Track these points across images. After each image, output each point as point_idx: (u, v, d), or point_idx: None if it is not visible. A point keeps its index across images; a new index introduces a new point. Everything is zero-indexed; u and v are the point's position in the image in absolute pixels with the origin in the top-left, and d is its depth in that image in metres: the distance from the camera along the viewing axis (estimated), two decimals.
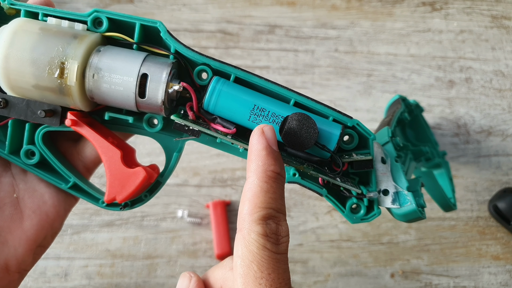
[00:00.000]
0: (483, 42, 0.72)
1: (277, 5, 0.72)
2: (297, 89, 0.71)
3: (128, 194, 0.29)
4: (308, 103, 0.30)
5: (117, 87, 0.27)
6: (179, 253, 0.59)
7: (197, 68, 0.29)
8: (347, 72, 0.69)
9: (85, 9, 0.70)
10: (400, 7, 0.73)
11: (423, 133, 0.63)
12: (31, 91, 0.28)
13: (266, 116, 0.28)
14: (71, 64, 0.26)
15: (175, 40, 0.28)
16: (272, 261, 0.22)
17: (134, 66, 0.27)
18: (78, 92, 0.27)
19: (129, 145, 0.32)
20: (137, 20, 0.28)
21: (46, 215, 0.32)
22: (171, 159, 0.32)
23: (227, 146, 0.31)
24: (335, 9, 0.72)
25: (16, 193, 0.32)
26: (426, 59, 0.70)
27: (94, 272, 0.58)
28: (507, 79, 0.70)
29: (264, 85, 0.29)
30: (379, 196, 0.31)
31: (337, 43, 0.71)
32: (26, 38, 0.26)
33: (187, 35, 0.69)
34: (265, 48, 0.70)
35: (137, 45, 0.29)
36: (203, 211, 0.61)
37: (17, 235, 0.31)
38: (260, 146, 0.25)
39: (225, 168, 0.63)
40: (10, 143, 0.30)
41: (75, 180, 0.31)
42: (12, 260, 0.31)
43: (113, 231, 0.60)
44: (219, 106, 0.28)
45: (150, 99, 0.27)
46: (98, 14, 0.28)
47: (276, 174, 0.25)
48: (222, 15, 0.71)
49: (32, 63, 0.26)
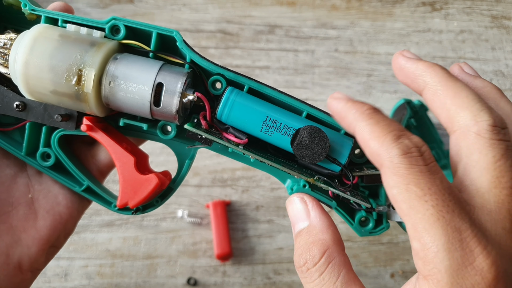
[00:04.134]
0: (483, 42, 0.72)
1: (277, 5, 0.72)
2: (297, 89, 0.71)
3: (141, 199, 0.30)
4: (320, 116, 0.30)
5: (132, 95, 0.27)
6: (179, 253, 0.59)
7: (212, 78, 0.30)
8: (347, 72, 0.69)
9: (85, 9, 0.70)
10: (400, 7, 0.73)
11: (428, 133, 0.63)
12: (48, 96, 0.28)
13: (278, 128, 0.29)
14: (88, 72, 0.27)
15: (190, 50, 0.29)
16: (426, 174, 0.21)
17: (150, 75, 0.27)
18: (94, 99, 0.28)
19: (142, 151, 0.33)
20: (154, 28, 0.28)
21: (60, 215, 0.33)
22: (183, 166, 0.32)
23: (238, 155, 0.31)
24: (335, 9, 0.73)
25: (31, 194, 0.32)
26: (426, 59, 0.69)
27: (94, 272, 0.58)
28: (507, 79, 0.70)
29: (277, 96, 0.30)
30: (389, 210, 0.31)
31: (337, 43, 0.71)
32: (46, 45, 0.27)
33: (187, 35, 0.69)
34: (265, 48, 0.70)
35: (153, 54, 0.29)
36: (203, 211, 0.61)
37: (31, 234, 0.31)
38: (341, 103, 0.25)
39: (225, 168, 0.63)
40: (27, 145, 0.31)
41: (89, 183, 0.32)
42: (25, 258, 0.31)
43: (113, 231, 0.60)
44: (232, 116, 0.29)
45: (165, 108, 0.28)
46: (116, 22, 0.29)
47: (372, 109, 0.24)
48: (222, 15, 0.71)
49: (50, 70, 0.27)
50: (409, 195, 0.21)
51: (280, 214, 0.62)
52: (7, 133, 0.32)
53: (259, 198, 0.63)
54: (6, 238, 0.31)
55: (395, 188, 0.22)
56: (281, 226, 0.62)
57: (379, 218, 0.31)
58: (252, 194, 0.63)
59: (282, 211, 0.62)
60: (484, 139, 0.22)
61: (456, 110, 0.23)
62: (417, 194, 0.21)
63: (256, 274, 0.60)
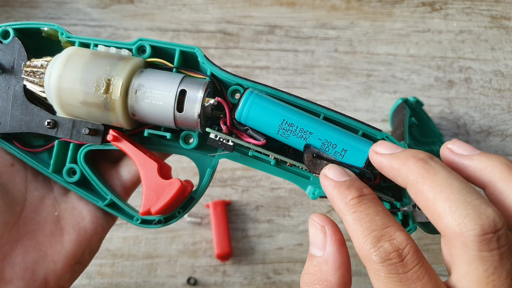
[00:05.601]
0: (482, 42, 0.72)
1: (277, 5, 0.72)
2: (297, 89, 0.71)
3: (163, 205, 0.30)
4: (337, 117, 0.30)
5: (157, 102, 0.29)
6: (179, 252, 0.59)
7: (231, 88, 0.31)
8: (346, 72, 0.69)
9: (85, 9, 0.70)
10: (399, 7, 0.73)
11: (427, 127, 0.64)
12: (78, 108, 0.30)
13: (294, 131, 0.29)
14: (116, 80, 0.29)
15: (211, 64, 0.31)
16: (405, 284, 0.20)
17: (173, 83, 0.30)
18: (121, 107, 0.30)
19: (166, 163, 0.34)
20: (177, 46, 0.31)
21: (85, 231, 0.33)
22: (205, 175, 0.33)
23: (259, 162, 0.32)
24: (335, 10, 0.73)
25: (57, 212, 0.34)
26: (426, 59, 0.70)
27: (95, 271, 0.58)
28: (507, 79, 0.70)
29: (293, 101, 0.31)
30: (414, 211, 0.30)
31: (336, 43, 0.71)
32: (78, 61, 0.30)
33: (187, 35, 0.69)
34: (265, 48, 0.70)
35: (176, 69, 0.32)
36: (203, 211, 0.61)
37: (57, 249, 0.32)
38: (329, 189, 0.25)
39: (225, 168, 0.63)
40: (54, 162, 0.33)
41: (112, 197, 0.33)
42: (51, 275, 0.31)
43: (113, 231, 0.60)
44: (251, 117, 0.29)
45: (187, 113, 0.29)
46: (142, 42, 0.32)
47: (357, 198, 0.24)
48: (222, 15, 0.71)
49: (81, 81, 0.29)
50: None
51: (280, 214, 0.62)
52: (37, 154, 0.34)
53: (259, 198, 0.63)
54: (33, 254, 0.31)
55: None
56: (281, 226, 0.62)
57: (405, 218, 0.31)
58: (252, 194, 0.63)
59: (282, 211, 0.62)
60: (473, 252, 0.19)
61: (438, 215, 0.21)
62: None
63: (256, 273, 0.60)
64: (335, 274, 0.25)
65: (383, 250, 0.21)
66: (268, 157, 0.31)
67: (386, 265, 0.21)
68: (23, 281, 0.30)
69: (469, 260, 0.20)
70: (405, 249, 0.21)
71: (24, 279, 0.30)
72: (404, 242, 0.21)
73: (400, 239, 0.21)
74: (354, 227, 0.23)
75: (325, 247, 0.26)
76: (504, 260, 0.19)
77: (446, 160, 0.25)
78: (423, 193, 0.22)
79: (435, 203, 0.21)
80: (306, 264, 0.26)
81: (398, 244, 0.21)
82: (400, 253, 0.21)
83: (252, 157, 0.32)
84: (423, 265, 0.21)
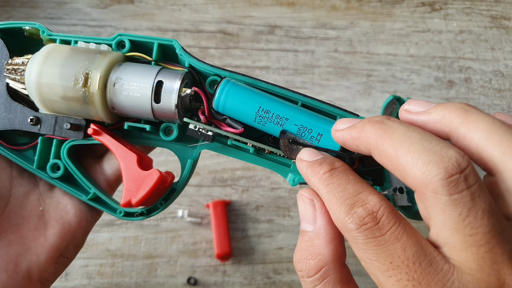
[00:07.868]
0: (482, 42, 0.72)
1: (277, 5, 0.72)
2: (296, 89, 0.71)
3: (143, 195, 0.30)
4: (314, 103, 0.31)
5: (134, 94, 0.30)
6: (179, 252, 0.59)
7: (209, 79, 0.31)
8: (346, 72, 0.69)
9: (85, 9, 0.70)
10: (399, 7, 0.73)
11: None
12: (59, 103, 0.31)
13: (271, 118, 0.29)
14: (94, 74, 0.30)
15: (189, 55, 0.31)
16: (384, 246, 0.20)
17: (150, 75, 0.30)
18: (100, 100, 0.30)
19: (146, 155, 0.34)
20: (155, 40, 0.32)
21: (69, 224, 0.34)
22: (185, 166, 0.33)
23: (238, 151, 0.32)
24: (335, 10, 0.73)
25: (42, 207, 0.34)
26: (426, 59, 0.70)
27: (95, 271, 0.58)
28: (507, 79, 0.70)
29: (272, 89, 0.31)
30: (394, 195, 0.30)
31: (336, 44, 0.71)
32: (58, 56, 0.30)
33: (187, 35, 0.69)
34: (265, 48, 0.70)
35: (155, 62, 0.32)
36: (203, 210, 0.61)
37: (40, 242, 0.33)
38: (303, 170, 0.25)
39: (225, 168, 0.63)
40: (38, 158, 0.33)
41: (95, 192, 0.34)
42: (34, 267, 0.32)
43: (113, 231, 0.60)
44: (228, 106, 0.29)
45: (165, 103, 0.30)
46: (122, 37, 0.32)
47: (329, 172, 0.24)
48: (222, 15, 0.71)
49: (60, 76, 0.30)
50: (374, 270, 0.20)
51: (280, 214, 0.62)
52: (22, 152, 0.35)
53: (259, 198, 0.63)
54: (16, 247, 0.32)
55: (362, 261, 0.21)
56: (281, 225, 0.62)
57: None
58: (252, 194, 0.63)
59: (282, 210, 0.62)
60: (443, 198, 0.19)
61: (404, 170, 0.20)
62: (380, 269, 0.20)
63: (256, 273, 0.60)
64: (328, 247, 0.24)
65: (357, 216, 0.21)
66: (247, 145, 0.31)
67: (362, 230, 0.20)
68: (6, 273, 0.30)
69: (443, 208, 0.19)
70: (379, 211, 0.21)
71: (7, 271, 0.31)
72: (378, 204, 0.21)
73: (373, 201, 0.21)
74: (328, 199, 0.23)
75: (315, 221, 0.25)
76: (477, 200, 0.19)
77: (405, 121, 0.24)
78: (385, 153, 0.21)
79: (398, 159, 0.20)
80: (298, 241, 0.26)
81: (372, 207, 0.21)
82: (375, 216, 0.20)
83: (232, 146, 0.32)
84: (401, 224, 0.20)
